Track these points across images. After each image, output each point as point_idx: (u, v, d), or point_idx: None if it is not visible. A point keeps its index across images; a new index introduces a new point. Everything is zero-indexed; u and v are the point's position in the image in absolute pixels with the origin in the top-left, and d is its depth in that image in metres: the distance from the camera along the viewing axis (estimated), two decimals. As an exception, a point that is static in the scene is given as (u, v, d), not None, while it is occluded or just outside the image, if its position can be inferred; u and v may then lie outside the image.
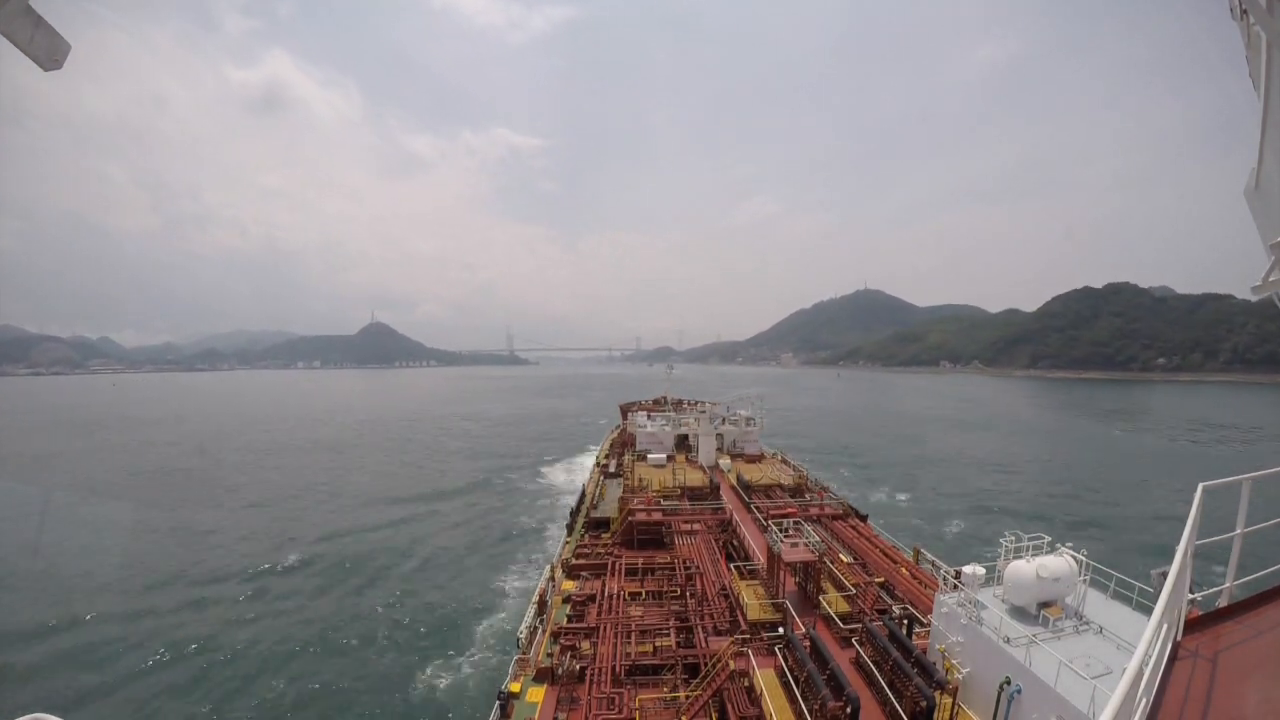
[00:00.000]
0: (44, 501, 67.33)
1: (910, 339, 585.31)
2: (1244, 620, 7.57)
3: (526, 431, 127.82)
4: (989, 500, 63.43)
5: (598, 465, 58.50)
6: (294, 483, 74.85)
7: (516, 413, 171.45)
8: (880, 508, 58.38)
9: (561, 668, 19.58)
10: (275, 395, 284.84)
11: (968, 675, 15.94)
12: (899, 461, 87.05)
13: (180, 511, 60.56)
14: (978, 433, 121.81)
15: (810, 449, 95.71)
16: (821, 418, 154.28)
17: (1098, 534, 50.35)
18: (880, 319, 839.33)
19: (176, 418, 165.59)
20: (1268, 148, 6.95)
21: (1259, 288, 7.82)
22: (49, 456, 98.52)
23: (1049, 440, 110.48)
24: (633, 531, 32.93)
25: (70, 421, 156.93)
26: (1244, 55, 7.09)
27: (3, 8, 3.67)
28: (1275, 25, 5.96)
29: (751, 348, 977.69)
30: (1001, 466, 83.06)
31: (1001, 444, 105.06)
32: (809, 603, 24.14)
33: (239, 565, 44.72)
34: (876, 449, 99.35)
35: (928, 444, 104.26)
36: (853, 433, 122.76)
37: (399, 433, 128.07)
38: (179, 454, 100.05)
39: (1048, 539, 16.51)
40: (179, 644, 32.44)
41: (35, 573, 43.00)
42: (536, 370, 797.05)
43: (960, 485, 71.14)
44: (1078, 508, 60.47)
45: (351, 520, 56.77)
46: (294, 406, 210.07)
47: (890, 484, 71.49)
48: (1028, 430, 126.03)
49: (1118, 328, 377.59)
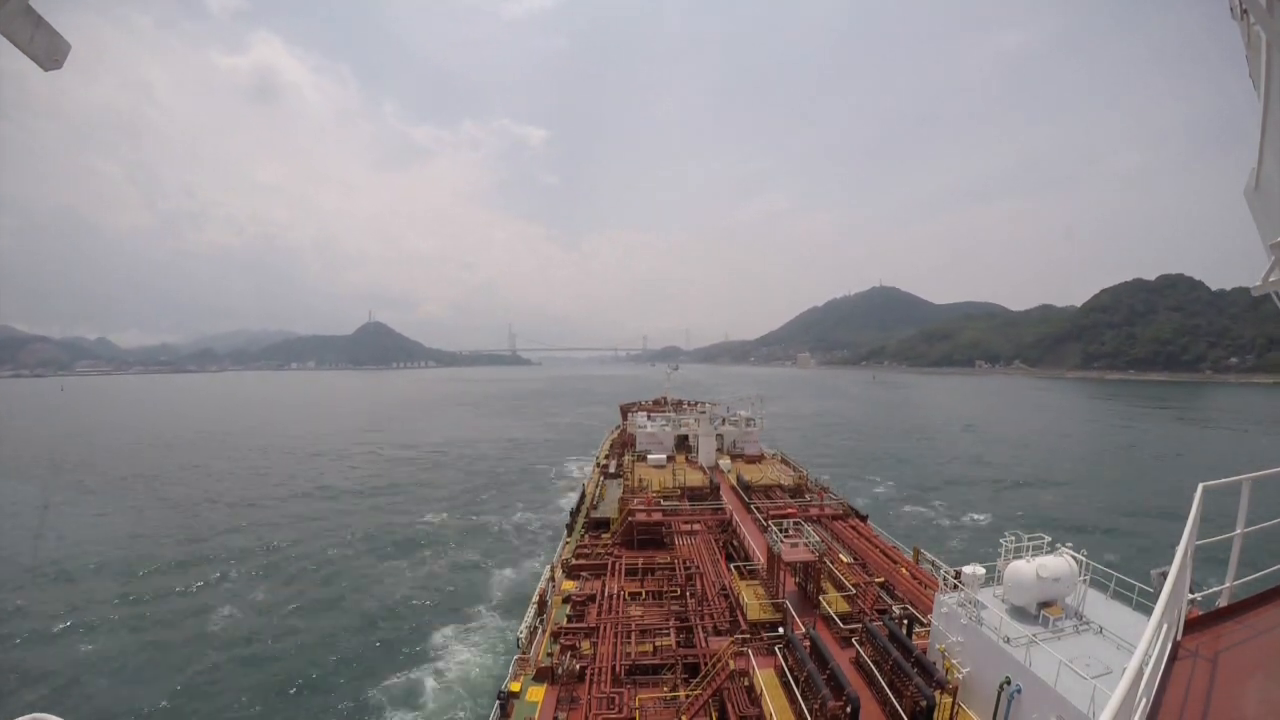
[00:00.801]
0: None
1: (938, 337, 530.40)
2: (1244, 620, 7.57)
3: (424, 499, 67.32)
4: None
5: (598, 466, 58.55)
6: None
7: (461, 443, 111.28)
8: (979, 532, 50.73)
9: (561, 667, 19.59)
10: (236, 399, 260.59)
11: (968, 675, 15.94)
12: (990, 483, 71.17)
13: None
14: (1071, 449, 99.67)
15: (883, 471, 78.33)
16: (871, 431, 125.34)
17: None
18: (897, 317, 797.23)
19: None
20: (1268, 148, 6.96)
21: (1259, 287, 7.83)
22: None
23: (1178, 460, 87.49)
24: (633, 532, 32.94)
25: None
26: (1244, 55, 7.10)
27: (3, 8, 3.68)
28: (1275, 25, 5.97)
29: (763, 347, 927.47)
30: (1143, 496, 64.71)
31: (1125, 466, 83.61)
32: (809, 603, 24.14)
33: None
34: (965, 476, 77.16)
35: (1024, 466, 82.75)
36: (924, 452, 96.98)
37: (238, 468, 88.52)
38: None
39: (1048, 539, 16.50)
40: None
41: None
42: (535, 372, 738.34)
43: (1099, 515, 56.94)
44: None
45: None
46: (221, 414, 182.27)
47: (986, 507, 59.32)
48: (1132, 445, 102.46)
49: (1178, 324, 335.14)
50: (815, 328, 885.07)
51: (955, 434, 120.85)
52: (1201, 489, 7.13)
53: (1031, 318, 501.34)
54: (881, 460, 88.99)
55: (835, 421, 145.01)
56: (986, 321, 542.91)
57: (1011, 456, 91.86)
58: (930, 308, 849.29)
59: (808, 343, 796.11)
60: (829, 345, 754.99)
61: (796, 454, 64.74)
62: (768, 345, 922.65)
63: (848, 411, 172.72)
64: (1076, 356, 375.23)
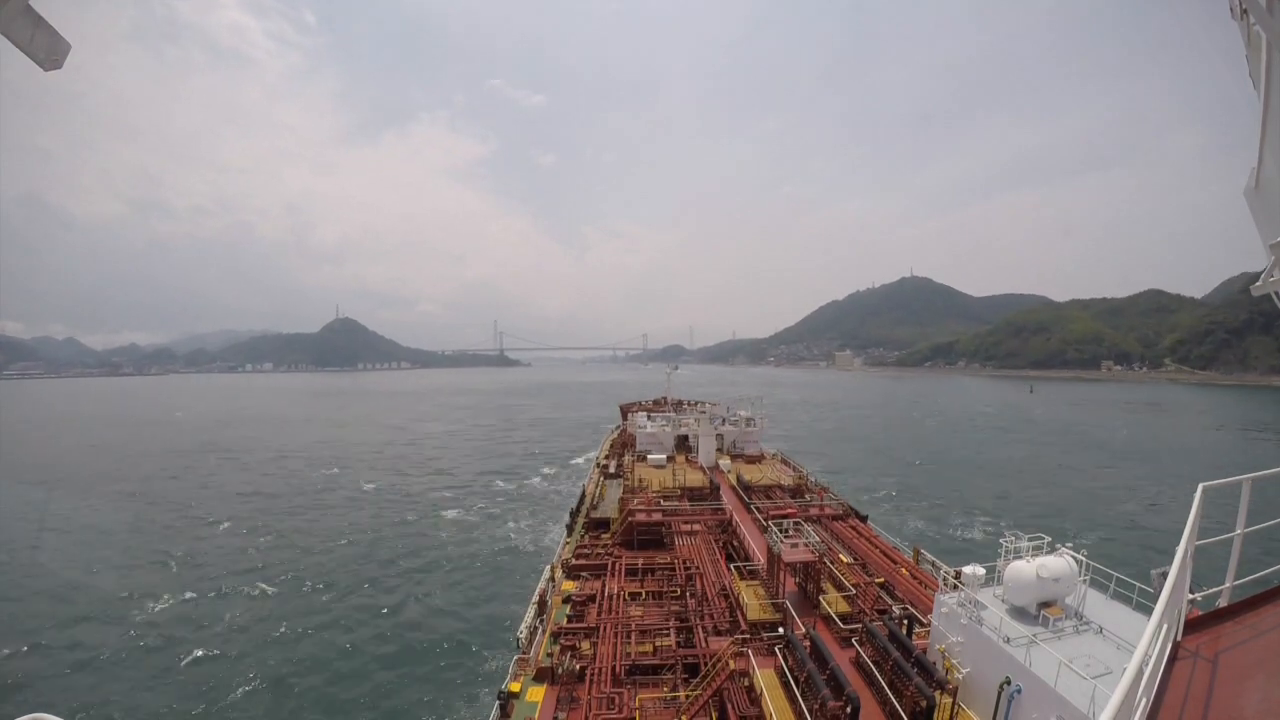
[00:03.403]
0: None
1: (1030, 329, 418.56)
2: (1244, 620, 7.58)
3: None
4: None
5: (598, 466, 58.57)
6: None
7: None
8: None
9: (561, 667, 19.59)
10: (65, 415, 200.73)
11: (968, 675, 15.94)
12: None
13: None
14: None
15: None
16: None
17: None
18: (934, 310, 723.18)
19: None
20: (1268, 148, 6.96)
21: (1259, 287, 7.85)
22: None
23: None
24: (633, 532, 32.93)
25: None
26: (1244, 55, 7.10)
27: (3, 8, 3.68)
28: (1275, 25, 5.98)
29: (781, 344, 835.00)
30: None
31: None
32: (809, 603, 24.14)
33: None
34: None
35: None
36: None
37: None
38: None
39: (1048, 539, 16.51)
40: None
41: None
42: (520, 375, 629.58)
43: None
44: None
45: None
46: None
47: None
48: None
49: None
50: (841, 322, 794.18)
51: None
52: (1201, 489, 7.14)
53: (1139, 306, 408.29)
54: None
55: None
56: (1103, 308, 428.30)
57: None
58: (968, 300, 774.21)
59: (833, 339, 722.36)
60: (862, 342, 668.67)
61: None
62: (785, 343, 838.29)
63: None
64: (1272, 356, 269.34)
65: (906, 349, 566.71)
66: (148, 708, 27.89)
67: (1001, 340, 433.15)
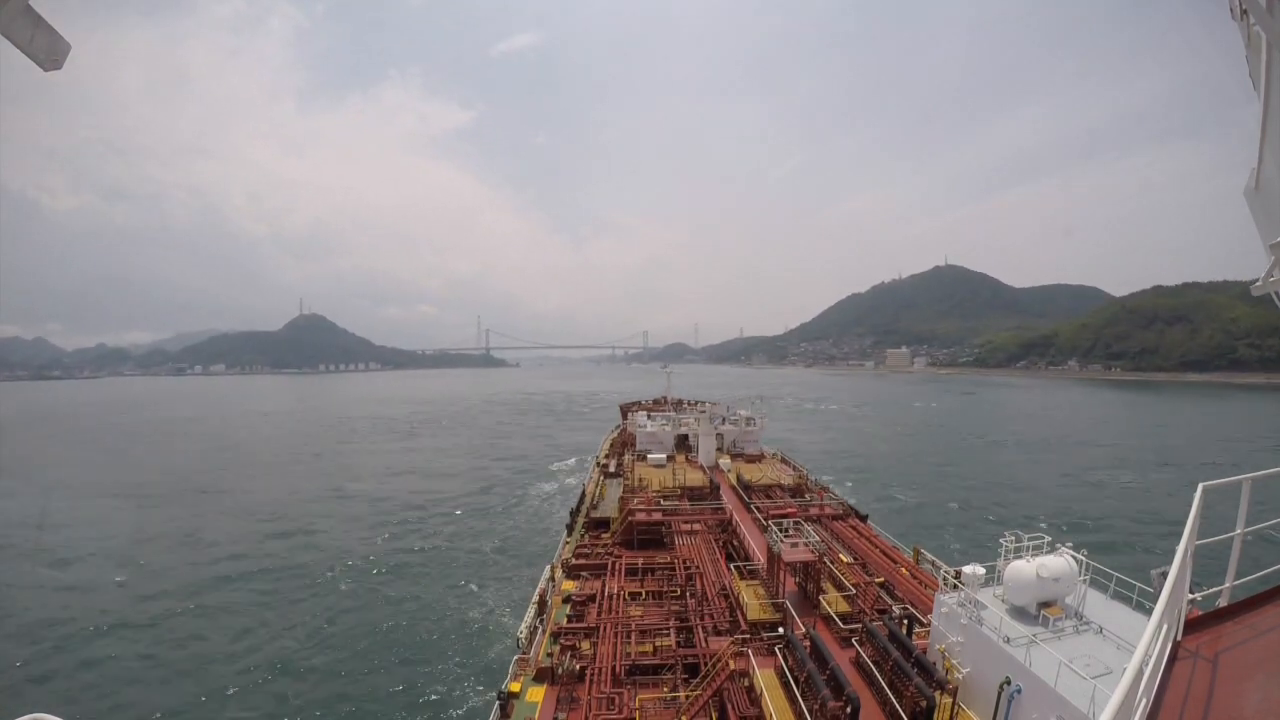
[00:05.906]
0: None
1: (1163, 318, 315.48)
2: (1244, 620, 7.58)
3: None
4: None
5: (598, 465, 58.59)
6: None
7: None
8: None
9: (561, 667, 19.58)
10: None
11: (968, 675, 15.94)
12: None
13: None
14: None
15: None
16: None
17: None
18: (977, 302, 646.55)
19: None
20: (1268, 148, 6.97)
21: (1259, 287, 7.84)
22: None
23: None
24: (633, 531, 32.95)
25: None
26: (1244, 55, 7.11)
27: (3, 8, 3.68)
28: (1275, 25, 5.98)
29: (802, 341, 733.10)
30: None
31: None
32: (809, 603, 24.13)
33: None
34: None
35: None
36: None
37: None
38: None
39: (1048, 539, 16.51)
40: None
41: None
42: (503, 378, 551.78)
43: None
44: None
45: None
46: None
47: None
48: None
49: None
50: (867, 318, 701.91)
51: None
52: (1201, 489, 7.14)
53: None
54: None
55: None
56: (1209, 298, 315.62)
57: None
58: (1012, 292, 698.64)
59: (861, 335, 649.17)
60: (901, 338, 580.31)
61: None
62: (806, 339, 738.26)
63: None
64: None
65: (957, 345, 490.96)
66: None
67: (1129, 333, 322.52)
